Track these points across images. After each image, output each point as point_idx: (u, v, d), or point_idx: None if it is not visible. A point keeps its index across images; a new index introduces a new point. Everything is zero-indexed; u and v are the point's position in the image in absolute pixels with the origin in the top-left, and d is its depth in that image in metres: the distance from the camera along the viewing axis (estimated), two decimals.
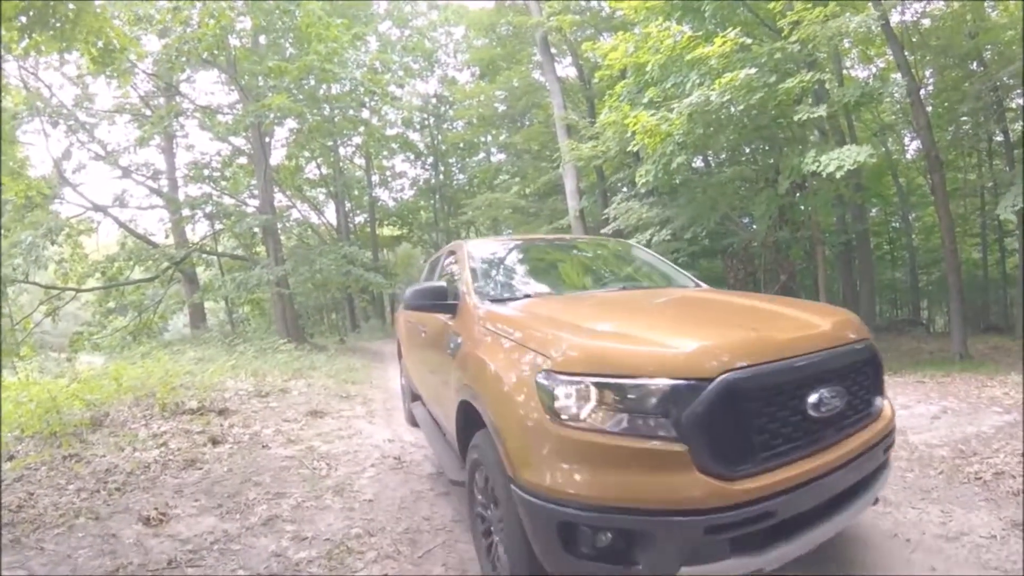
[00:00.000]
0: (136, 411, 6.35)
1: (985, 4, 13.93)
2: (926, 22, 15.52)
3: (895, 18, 13.38)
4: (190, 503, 4.02)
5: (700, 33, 10.63)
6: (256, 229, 17.12)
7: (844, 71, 16.66)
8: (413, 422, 5.92)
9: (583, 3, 18.73)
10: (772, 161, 11.96)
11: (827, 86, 12.89)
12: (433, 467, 4.88)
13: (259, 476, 4.62)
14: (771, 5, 9.97)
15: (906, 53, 12.86)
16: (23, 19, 5.71)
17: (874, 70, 17.29)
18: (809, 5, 9.32)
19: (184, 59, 13.78)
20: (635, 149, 11.63)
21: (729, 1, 11.40)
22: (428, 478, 4.59)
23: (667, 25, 10.65)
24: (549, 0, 17.03)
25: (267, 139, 17.37)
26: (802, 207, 12.18)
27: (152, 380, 7.38)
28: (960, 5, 13.81)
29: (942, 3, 14.72)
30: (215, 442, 5.55)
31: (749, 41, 10.21)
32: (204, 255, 19.54)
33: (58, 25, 5.79)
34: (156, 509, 3.81)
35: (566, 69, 22.32)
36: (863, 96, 9.73)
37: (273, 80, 14.73)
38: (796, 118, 9.45)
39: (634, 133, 10.44)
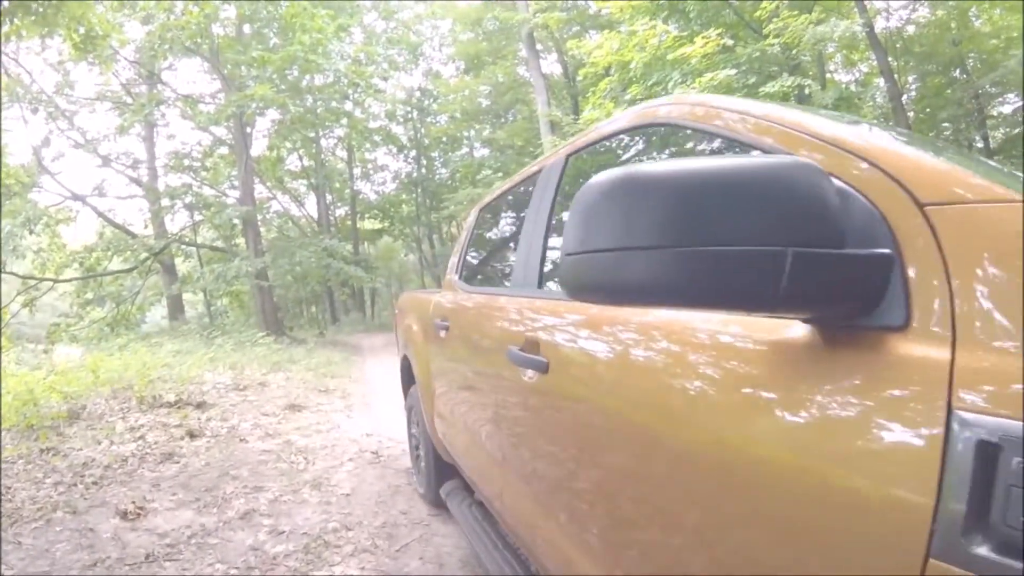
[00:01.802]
0: (113, 404, 6.34)
1: (969, 12, 14.17)
2: (910, 28, 15.76)
3: (880, 24, 13.59)
4: (167, 497, 4.03)
5: (685, 33, 10.75)
6: (236, 220, 17.03)
7: (828, 75, 16.87)
8: (439, 501, 3.54)
9: (569, 1, 18.79)
10: None
11: (807, 91, 13.07)
12: (409, 461, 4.91)
13: (237, 470, 4.64)
14: (757, 13, 10.09)
15: (890, 59, 13.06)
16: (5, 3, 5.65)
17: (858, 75, 17.54)
18: (795, 12, 9.46)
19: (167, 47, 13.65)
20: None
21: (714, 1, 11.53)
22: (405, 472, 4.63)
23: (653, 24, 10.76)
24: None
25: (249, 129, 17.25)
26: None
27: (130, 372, 7.36)
28: (945, 13, 14.03)
29: (927, 11, 14.94)
30: (193, 436, 5.55)
31: (731, 42, 10.36)
32: (183, 246, 19.39)
33: (40, 10, 5.74)
34: (133, 503, 3.82)
35: (551, 66, 22.44)
36: (840, 100, 9.89)
37: (257, 70, 14.65)
38: None
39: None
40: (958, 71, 15.23)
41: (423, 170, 28.44)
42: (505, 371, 2.06)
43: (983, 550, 0.64)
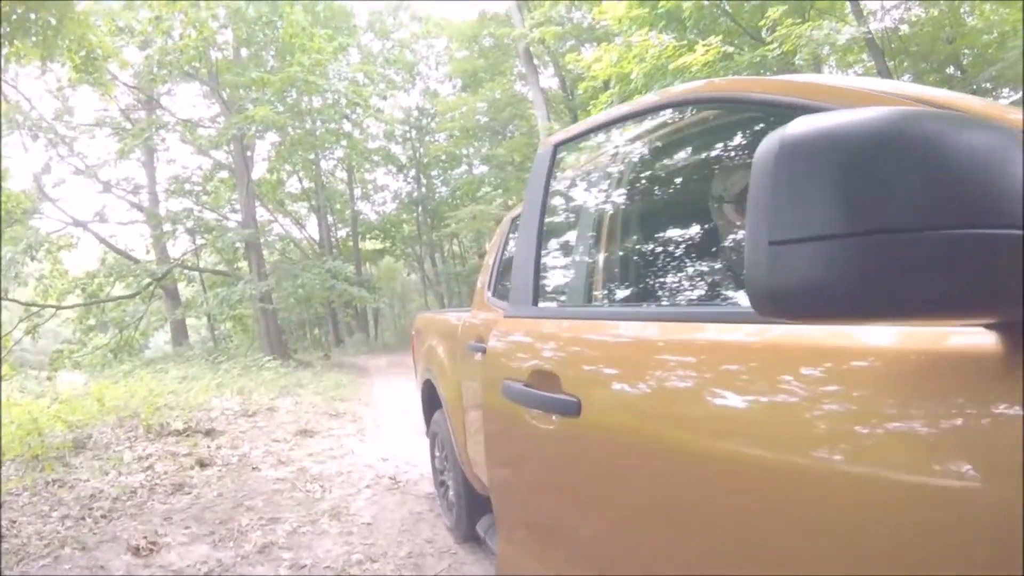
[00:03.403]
0: (120, 432, 6.17)
1: (962, 10, 14.15)
2: (904, 28, 15.74)
3: (874, 25, 13.57)
4: (180, 530, 3.86)
5: (683, 43, 10.70)
6: (239, 244, 16.91)
7: None
8: (471, 536, 3.37)
9: (565, 14, 18.81)
10: None
11: None
12: (431, 486, 4.74)
13: (251, 500, 4.47)
14: (762, 23, 10.06)
15: (885, 59, 13.02)
16: (5, 28, 5.56)
17: (853, 75, 17.51)
18: (798, 20, 9.44)
19: (166, 71, 13.63)
20: None
21: (711, 8, 11.50)
22: (426, 498, 4.46)
23: (652, 34, 10.71)
24: (532, 11, 17.10)
25: (249, 153, 17.21)
26: None
27: (135, 400, 7.21)
28: (939, 12, 14.02)
29: (920, 10, 14.94)
30: (203, 465, 5.38)
31: (731, 49, 10.30)
32: (186, 271, 19.27)
33: (40, 32, 5.65)
34: (145, 538, 3.65)
35: (548, 80, 22.43)
36: None
37: (256, 92, 14.61)
38: None
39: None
40: (953, 68, 15.19)
41: (423, 189, 28.42)
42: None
43: None
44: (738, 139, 1.70)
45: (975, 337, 0.74)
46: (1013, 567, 0.65)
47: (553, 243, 2.22)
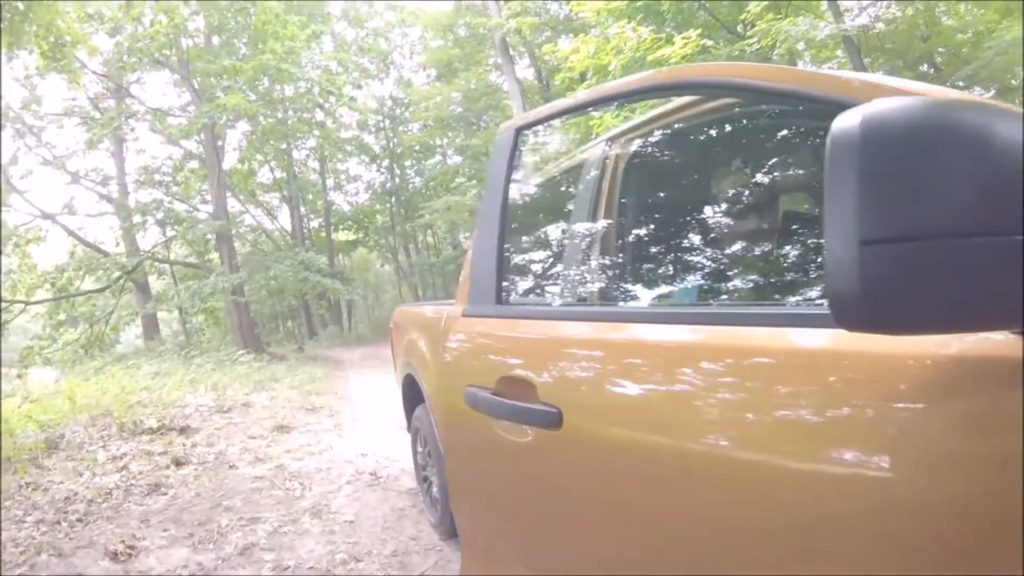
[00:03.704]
0: (93, 431, 6.05)
1: (937, 10, 14.36)
2: (880, 25, 15.94)
3: (850, 22, 13.73)
4: (159, 533, 3.80)
5: (661, 36, 10.72)
6: (210, 235, 16.64)
7: None
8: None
9: (541, 4, 18.74)
10: None
11: None
12: (412, 481, 4.72)
13: (229, 500, 4.41)
14: (743, 16, 10.12)
15: (861, 56, 13.18)
16: None
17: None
18: (779, 16, 9.52)
19: (136, 59, 13.30)
20: None
21: (689, 3, 11.54)
22: (408, 494, 4.44)
23: (629, 27, 10.72)
24: (509, 1, 17.00)
25: (220, 142, 16.91)
26: None
27: (108, 397, 7.09)
28: (914, 11, 14.21)
29: (897, 10, 15.13)
30: (179, 463, 5.30)
31: (710, 43, 10.35)
32: (156, 263, 18.92)
33: (7, 18, 5.47)
34: (123, 542, 3.59)
35: (525, 71, 22.33)
36: None
37: (228, 80, 14.33)
38: None
39: (598, 134, 10.48)
40: (927, 66, 15.43)
41: (397, 179, 28.21)
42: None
43: None
44: (725, 131, 1.70)
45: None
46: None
47: (521, 235, 2.16)
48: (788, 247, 1.48)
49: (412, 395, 3.89)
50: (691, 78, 1.41)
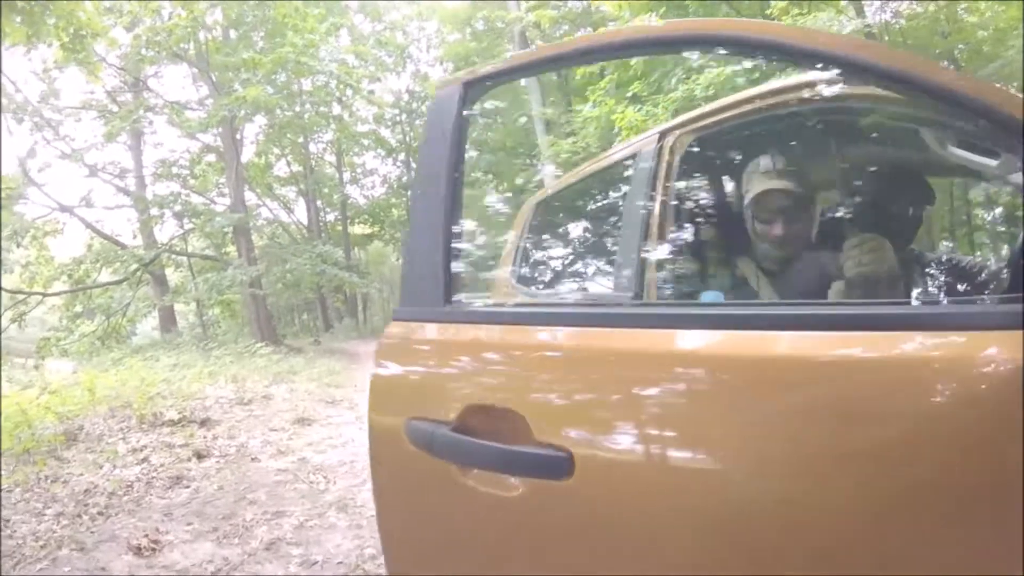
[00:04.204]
0: (112, 423, 5.99)
1: (959, 8, 14.11)
2: (901, 22, 15.70)
3: (873, 17, 13.53)
4: (182, 527, 3.71)
5: None
6: (227, 228, 16.60)
7: None
8: None
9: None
10: None
11: None
12: None
13: (253, 493, 4.32)
14: (769, 11, 9.95)
15: None
16: None
17: None
18: (795, 11, 9.37)
19: (154, 52, 13.29)
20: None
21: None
22: None
23: (652, 19, 10.58)
24: None
25: (238, 135, 16.89)
26: None
27: (127, 389, 7.01)
28: (936, 7, 13.97)
29: (918, 6, 14.91)
30: (200, 456, 5.22)
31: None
32: (174, 256, 18.93)
33: (26, 10, 5.40)
34: (146, 536, 3.50)
35: None
36: None
37: (247, 72, 14.27)
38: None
39: (620, 128, 10.35)
40: (947, 63, 15.16)
41: (413, 173, 28.06)
42: None
43: None
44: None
45: None
46: None
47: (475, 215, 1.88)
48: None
49: None
50: (683, 33, 1.23)
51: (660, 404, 0.95)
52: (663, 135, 1.59)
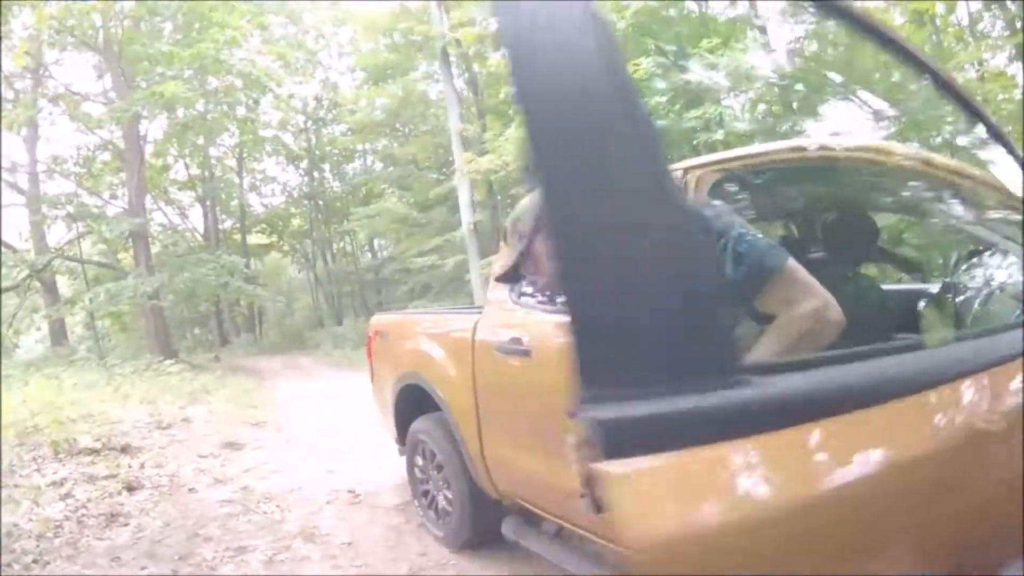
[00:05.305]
0: (22, 452, 5.43)
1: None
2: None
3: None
4: (136, 572, 3.40)
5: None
6: (126, 234, 15.46)
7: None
8: (473, 543, 3.39)
9: (486, 18, 18.63)
10: None
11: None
12: (396, 498, 4.38)
13: (204, 528, 4.01)
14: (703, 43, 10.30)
15: None
16: None
17: None
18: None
19: (62, 35, 12.16)
20: None
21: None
22: (397, 511, 4.13)
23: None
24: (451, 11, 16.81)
25: (143, 133, 15.77)
26: None
27: (29, 411, 6.37)
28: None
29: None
30: (131, 488, 4.80)
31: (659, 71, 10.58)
32: (67, 262, 17.30)
33: None
34: None
35: (457, 81, 22.02)
36: None
37: (164, 66, 13.33)
38: (695, 143, 9.95)
39: None
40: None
41: (315, 183, 27.31)
42: None
43: None
44: None
45: None
46: None
47: None
48: None
49: (410, 406, 3.68)
50: None
51: None
52: (687, 171, 2.04)
